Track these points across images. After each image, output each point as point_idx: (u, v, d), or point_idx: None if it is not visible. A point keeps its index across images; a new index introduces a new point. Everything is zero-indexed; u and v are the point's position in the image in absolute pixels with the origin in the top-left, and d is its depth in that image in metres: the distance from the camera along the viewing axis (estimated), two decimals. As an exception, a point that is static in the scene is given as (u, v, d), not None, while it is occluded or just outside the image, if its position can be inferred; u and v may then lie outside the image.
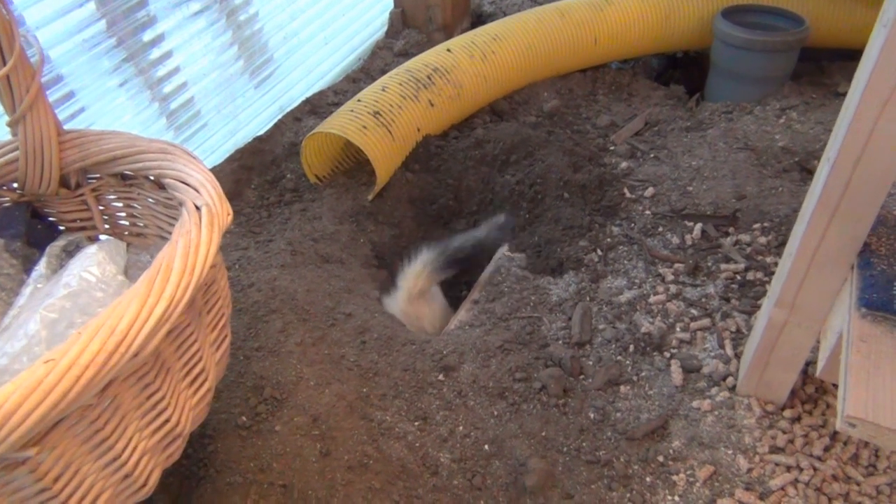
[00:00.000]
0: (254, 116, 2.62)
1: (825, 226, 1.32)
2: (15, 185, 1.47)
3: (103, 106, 2.10)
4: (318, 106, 2.74)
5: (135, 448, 1.12)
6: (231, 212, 1.26)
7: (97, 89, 2.08)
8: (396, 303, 2.12)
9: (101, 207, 1.54)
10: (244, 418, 1.63)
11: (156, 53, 2.21)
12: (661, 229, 2.23)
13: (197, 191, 1.24)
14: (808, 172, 2.40)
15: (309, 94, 2.80)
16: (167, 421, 1.17)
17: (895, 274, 1.29)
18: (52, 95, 1.95)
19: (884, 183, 1.22)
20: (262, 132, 2.57)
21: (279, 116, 2.65)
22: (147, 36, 2.17)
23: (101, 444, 1.06)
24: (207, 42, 2.39)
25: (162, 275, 1.04)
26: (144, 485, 1.17)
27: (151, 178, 1.41)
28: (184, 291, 1.06)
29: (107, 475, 1.09)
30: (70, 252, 1.30)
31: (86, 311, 1.10)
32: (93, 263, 1.17)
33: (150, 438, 1.15)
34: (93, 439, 1.04)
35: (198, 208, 1.19)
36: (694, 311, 1.95)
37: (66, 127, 1.45)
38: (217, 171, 2.37)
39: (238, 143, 2.49)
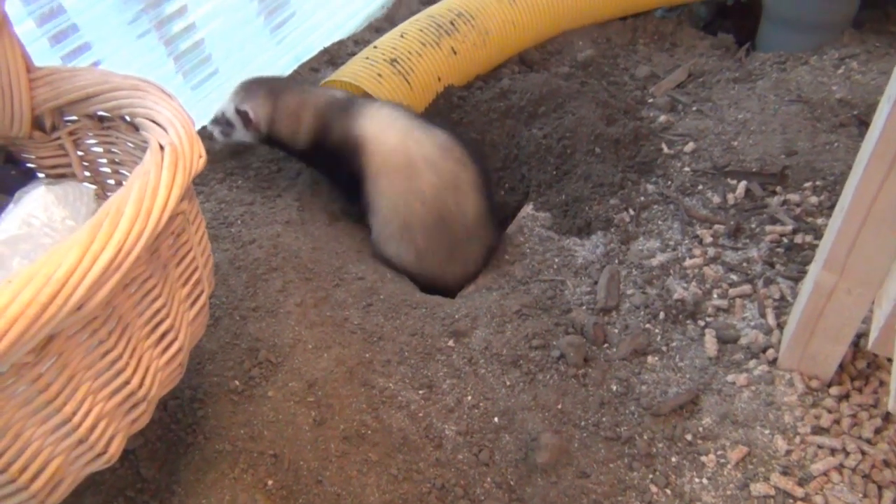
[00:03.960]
0: (268, 65, 2.49)
1: (883, 176, 1.14)
2: (-13, 127, 1.37)
3: (109, 45, 2.01)
4: (336, 56, 2.59)
5: (88, 412, 1.01)
6: (204, 154, 1.13)
7: (102, 26, 1.99)
8: None
9: (80, 153, 1.42)
10: (237, 382, 1.53)
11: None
12: (700, 187, 2.04)
13: (164, 129, 1.11)
14: (867, 127, 2.16)
15: (328, 43, 2.65)
16: (127, 383, 1.06)
17: (968, 232, 1.10)
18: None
19: (958, 123, 1.03)
20: (276, 83, 2.43)
21: (295, 67, 2.51)
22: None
23: (46, 406, 0.95)
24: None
25: (110, 219, 0.92)
26: (104, 451, 1.07)
27: (127, 118, 1.29)
28: (136, 238, 0.93)
29: (56, 441, 0.99)
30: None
31: (29, 258, 0.99)
32: (38, 207, 1.05)
33: (108, 402, 1.04)
34: (35, 401, 0.93)
35: (162, 148, 1.06)
36: (733, 277, 1.77)
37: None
38: (227, 123, 2.24)
39: (250, 94, 2.35)
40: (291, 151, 2.05)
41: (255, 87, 1.99)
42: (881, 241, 1.22)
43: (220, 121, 2.00)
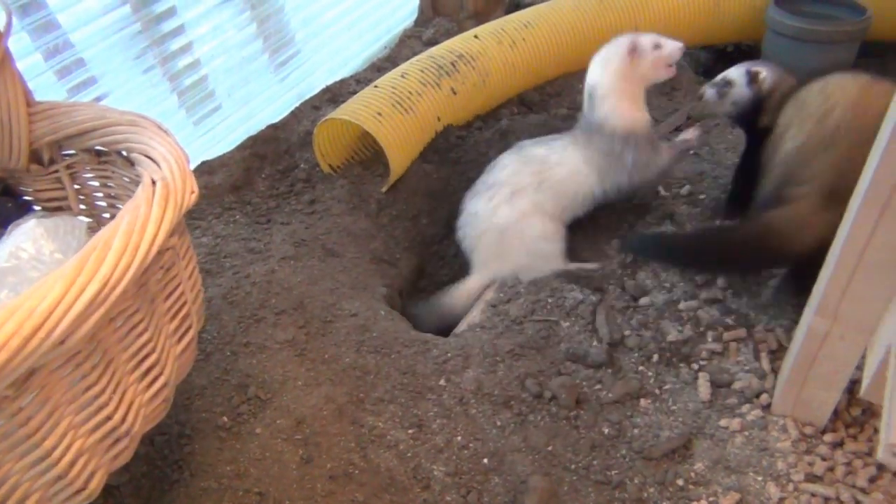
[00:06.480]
0: (270, 102, 2.52)
1: (874, 222, 1.14)
2: (-14, 160, 1.38)
3: (115, 79, 2.05)
4: (338, 95, 2.62)
5: (68, 447, 1.00)
6: (196, 190, 1.13)
7: (108, 61, 2.02)
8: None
9: (76, 186, 1.44)
10: (225, 418, 1.52)
11: (168, 27, 2.14)
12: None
13: (158, 164, 1.12)
14: (865, 173, 2.18)
15: (330, 82, 2.69)
16: (109, 418, 1.05)
17: (958, 280, 1.10)
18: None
19: (946, 170, 1.03)
20: (277, 120, 2.46)
21: (297, 104, 2.55)
22: (158, 8, 2.09)
23: (25, 441, 0.94)
24: (224, 19, 2.31)
25: (97, 253, 0.92)
26: (84, 488, 1.06)
27: (123, 153, 1.30)
28: (123, 273, 0.94)
29: (34, 476, 0.98)
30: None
31: (16, 291, 1.00)
32: (27, 240, 1.06)
33: (89, 437, 1.03)
34: (14, 436, 0.93)
35: (154, 183, 1.07)
36: (729, 320, 1.76)
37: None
38: (227, 159, 2.27)
39: (251, 130, 2.39)
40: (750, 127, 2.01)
41: (771, 64, 1.99)
42: (873, 286, 1.22)
43: (719, 82, 1.98)
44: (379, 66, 2.82)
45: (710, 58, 3.22)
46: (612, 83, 1.99)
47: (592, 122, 2.02)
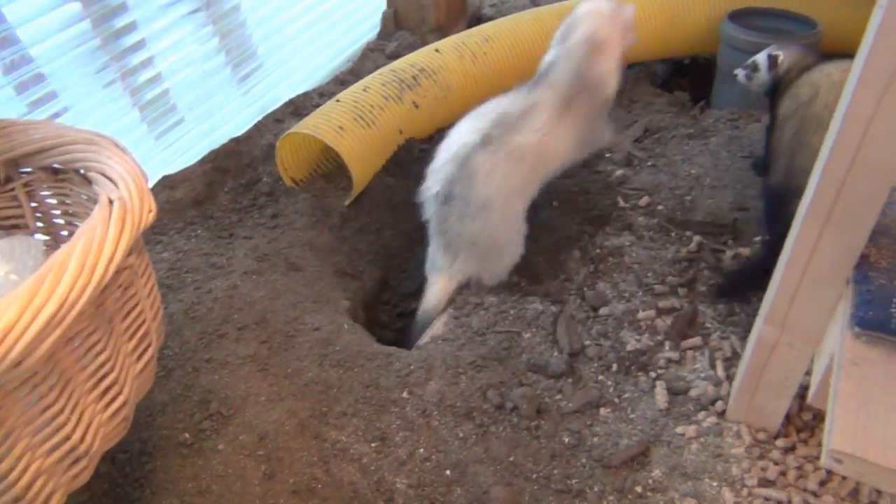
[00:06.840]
0: (232, 116, 2.52)
1: (817, 234, 1.18)
2: (-60, 177, 1.37)
3: (75, 94, 2.03)
4: (301, 108, 2.63)
5: (26, 468, 0.99)
6: (154, 209, 1.14)
7: (69, 75, 2.01)
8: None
9: (33, 204, 1.43)
10: (187, 435, 1.51)
11: (129, 41, 2.13)
12: (654, 240, 2.08)
13: (115, 183, 1.13)
14: (815, 183, 2.25)
15: (293, 95, 2.69)
16: (67, 438, 1.05)
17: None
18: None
19: (883, 184, 1.08)
20: (239, 133, 2.46)
21: (259, 118, 2.55)
22: (119, 22, 2.08)
23: (-19, 463, 0.94)
24: (186, 33, 2.31)
25: (54, 274, 0.93)
26: (42, 509, 1.05)
27: (81, 171, 1.30)
28: (79, 293, 0.94)
29: (-10, 499, 0.98)
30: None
31: (-31, 314, 0.99)
32: (-20, 261, 1.06)
33: (47, 458, 1.03)
34: (-31, 458, 0.93)
35: (111, 202, 1.07)
36: (685, 328, 1.80)
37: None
38: (189, 173, 2.26)
39: (213, 144, 2.38)
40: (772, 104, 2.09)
41: (794, 44, 2.09)
42: (819, 296, 1.26)
43: (749, 65, 2.11)
44: (342, 80, 2.83)
45: (667, 70, 3.29)
46: (618, 41, 1.98)
47: (584, 79, 1.94)
